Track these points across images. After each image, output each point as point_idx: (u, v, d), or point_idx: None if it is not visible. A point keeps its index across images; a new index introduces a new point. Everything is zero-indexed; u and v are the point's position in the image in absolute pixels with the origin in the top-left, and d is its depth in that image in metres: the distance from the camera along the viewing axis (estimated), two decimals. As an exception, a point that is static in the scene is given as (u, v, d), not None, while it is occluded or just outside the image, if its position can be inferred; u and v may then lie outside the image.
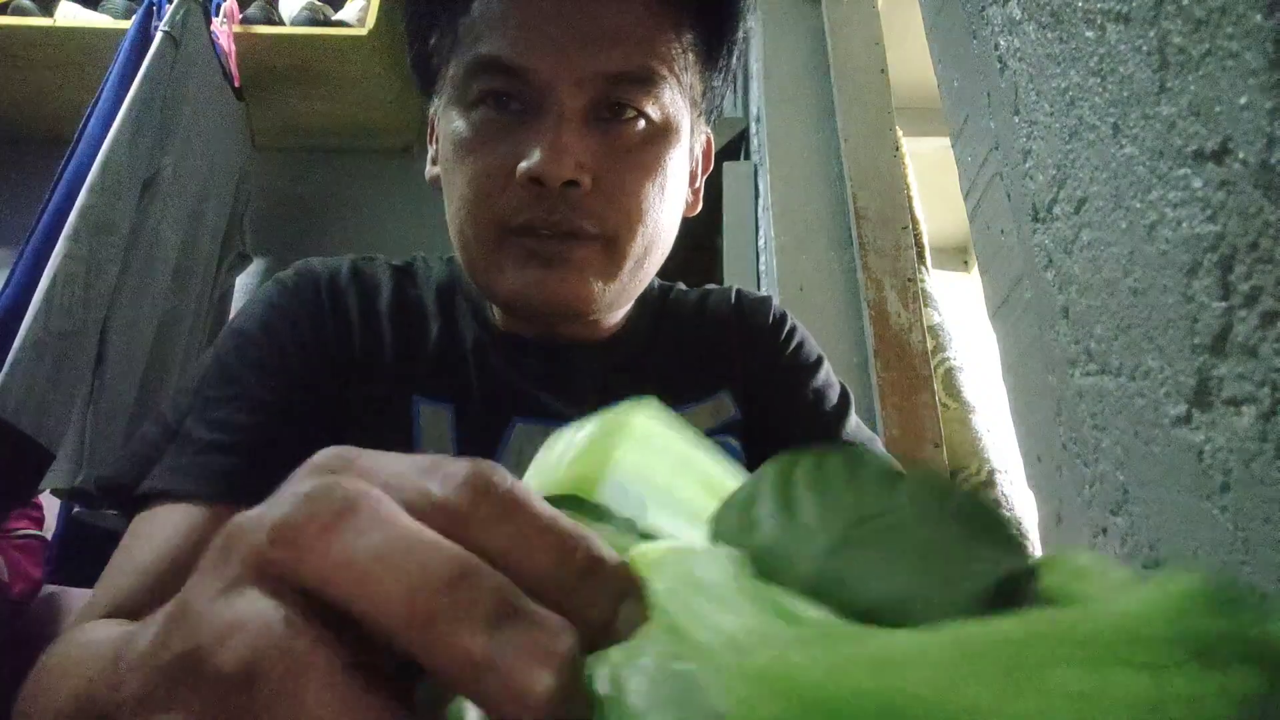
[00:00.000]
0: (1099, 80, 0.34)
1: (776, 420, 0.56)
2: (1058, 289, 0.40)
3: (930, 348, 0.98)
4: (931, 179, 1.25)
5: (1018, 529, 0.16)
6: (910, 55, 1.40)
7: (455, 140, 0.49)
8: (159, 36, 1.42)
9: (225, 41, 1.63)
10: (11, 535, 1.26)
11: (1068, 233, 0.38)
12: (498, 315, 0.56)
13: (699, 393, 0.56)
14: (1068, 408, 0.40)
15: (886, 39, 1.22)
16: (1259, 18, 0.24)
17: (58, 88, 1.80)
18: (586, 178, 0.46)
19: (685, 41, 0.50)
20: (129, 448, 0.50)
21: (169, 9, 1.47)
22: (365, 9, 1.74)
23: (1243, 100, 0.25)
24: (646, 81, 0.48)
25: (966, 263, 1.99)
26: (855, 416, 0.60)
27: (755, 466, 0.19)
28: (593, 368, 0.55)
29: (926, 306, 1.01)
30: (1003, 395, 0.50)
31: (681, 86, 0.50)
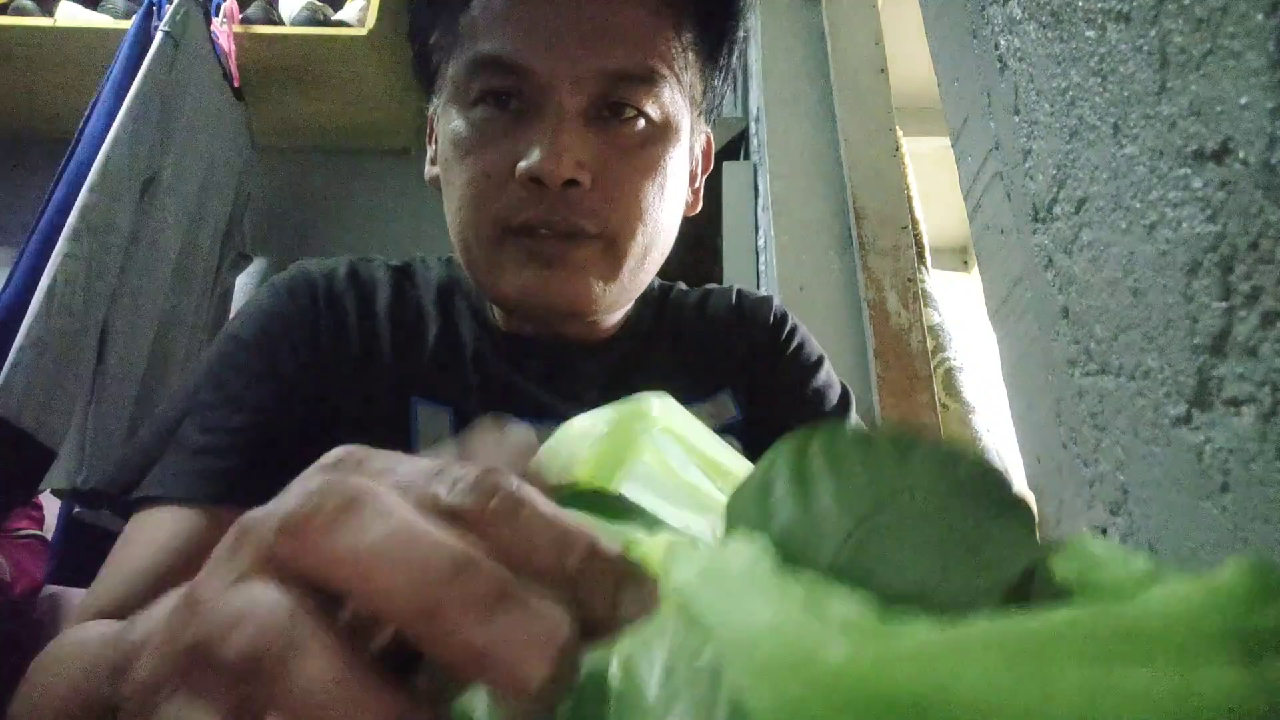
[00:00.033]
0: (1099, 80, 0.34)
1: (777, 420, 0.56)
2: (1058, 289, 0.40)
3: (930, 348, 0.98)
4: (931, 179, 1.25)
5: (1019, 496, 0.17)
6: (910, 55, 1.39)
7: (455, 139, 0.49)
8: (159, 36, 1.42)
9: (225, 41, 1.63)
10: (13, 535, 1.26)
11: (1068, 233, 0.38)
12: (498, 315, 0.56)
13: (699, 393, 0.56)
14: (1068, 408, 0.40)
15: (886, 39, 1.22)
16: (1261, 17, 0.24)
17: (58, 88, 1.79)
18: (586, 177, 0.46)
19: (685, 40, 0.50)
20: (125, 452, 0.50)
21: (169, 9, 1.47)
22: (365, 9, 1.74)
23: (1244, 100, 0.25)
24: (647, 81, 0.47)
25: (966, 263, 1.99)
26: (856, 416, 0.60)
27: None
28: (593, 368, 0.55)
29: (926, 306, 1.01)
30: (1003, 395, 0.49)
31: (681, 86, 0.50)
